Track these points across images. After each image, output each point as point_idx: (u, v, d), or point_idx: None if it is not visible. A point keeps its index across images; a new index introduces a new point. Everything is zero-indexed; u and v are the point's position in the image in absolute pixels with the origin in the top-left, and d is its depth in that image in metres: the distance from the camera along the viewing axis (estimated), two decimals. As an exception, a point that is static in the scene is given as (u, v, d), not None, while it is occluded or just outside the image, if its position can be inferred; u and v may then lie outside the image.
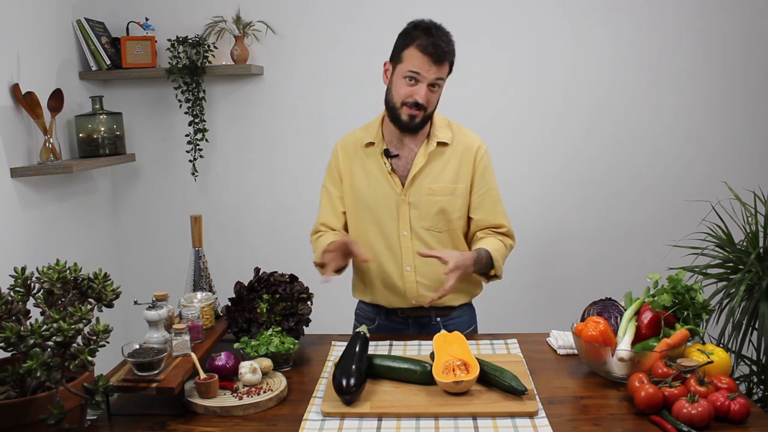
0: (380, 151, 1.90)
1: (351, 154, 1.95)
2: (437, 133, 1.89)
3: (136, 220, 3.13)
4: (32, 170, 2.36)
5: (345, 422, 1.41)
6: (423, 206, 1.88)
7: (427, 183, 1.87)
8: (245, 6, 2.91)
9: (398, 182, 1.88)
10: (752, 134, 2.96)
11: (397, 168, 1.90)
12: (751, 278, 2.20)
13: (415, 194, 1.88)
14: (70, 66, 2.76)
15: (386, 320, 2.01)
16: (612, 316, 1.71)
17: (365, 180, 1.92)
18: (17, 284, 1.38)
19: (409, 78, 1.77)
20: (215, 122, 3.03)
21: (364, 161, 1.92)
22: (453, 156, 1.89)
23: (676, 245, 2.61)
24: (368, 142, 1.91)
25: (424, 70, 1.75)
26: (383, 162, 1.89)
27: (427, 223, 1.88)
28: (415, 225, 1.89)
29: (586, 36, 2.91)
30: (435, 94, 1.81)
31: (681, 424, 1.33)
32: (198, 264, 1.90)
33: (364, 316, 2.08)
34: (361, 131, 1.97)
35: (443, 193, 1.88)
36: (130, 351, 1.49)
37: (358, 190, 1.93)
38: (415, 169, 1.87)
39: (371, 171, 1.91)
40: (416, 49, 1.75)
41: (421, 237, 1.89)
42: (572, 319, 1.73)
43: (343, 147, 1.98)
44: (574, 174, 3.02)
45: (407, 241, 1.89)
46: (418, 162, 1.87)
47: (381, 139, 1.91)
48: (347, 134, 2.01)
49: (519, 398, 1.47)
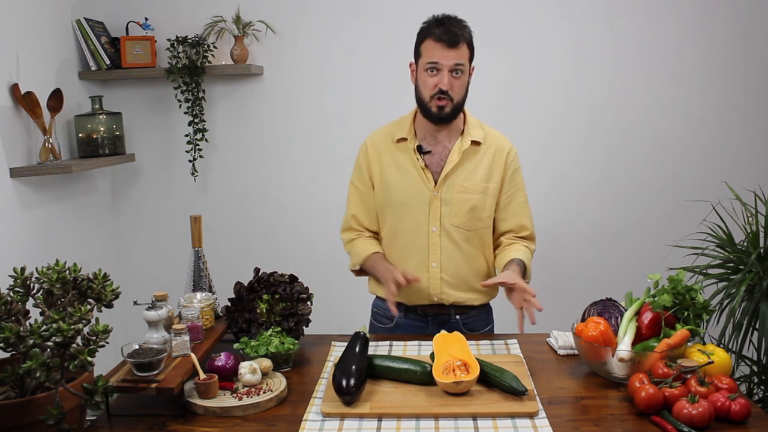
0: (413, 147, 1.91)
1: (381, 149, 1.96)
2: (471, 131, 1.92)
3: (135, 221, 3.13)
4: (32, 170, 2.36)
5: (345, 423, 1.41)
6: (455, 203, 1.89)
7: (460, 180, 1.89)
8: (245, 6, 2.91)
9: (431, 178, 1.90)
10: (753, 134, 2.96)
11: (430, 164, 1.91)
12: (751, 278, 2.20)
13: (448, 191, 1.89)
14: (69, 66, 2.76)
15: (405, 318, 2.00)
16: (612, 317, 1.71)
17: (397, 175, 1.93)
18: (17, 284, 1.38)
19: (431, 69, 1.82)
20: (215, 122, 3.03)
21: (395, 156, 1.94)
22: (486, 155, 1.92)
23: (677, 245, 2.61)
24: (400, 137, 1.93)
25: (441, 58, 1.79)
26: (416, 158, 1.90)
27: (458, 220, 1.90)
28: (445, 222, 1.90)
29: (586, 36, 2.91)
30: (459, 81, 1.83)
31: (681, 425, 1.32)
32: (198, 264, 1.89)
33: (382, 315, 2.06)
34: (391, 126, 1.99)
35: (475, 192, 1.90)
36: (129, 351, 1.49)
37: (389, 184, 1.94)
38: (449, 166, 1.89)
39: (403, 166, 1.92)
40: (431, 40, 1.81)
41: (449, 234, 1.91)
42: (572, 319, 1.73)
43: (372, 142, 1.99)
44: (574, 174, 3.02)
45: (435, 237, 1.91)
46: (452, 159, 1.89)
47: (414, 136, 1.93)
48: (376, 130, 2.02)
49: (519, 399, 1.46)
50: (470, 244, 1.93)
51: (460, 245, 1.92)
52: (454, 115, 1.87)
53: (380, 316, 2.08)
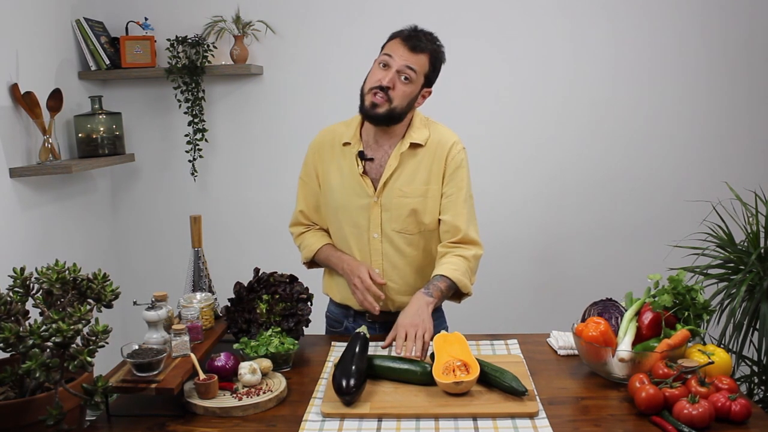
0: (355, 153, 1.87)
1: (327, 151, 1.93)
2: (413, 134, 1.85)
3: (135, 221, 3.13)
4: (31, 170, 2.36)
5: (345, 423, 1.41)
6: (394, 209, 1.85)
7: (399, 185, 1.84)
8: (245, 6, 2.91)
9: (370, 185, 1.86)
10: (753, 134, 2.96)
11: (370, 170, 1.87)
12: (752, 279, 2.20)
13: (387, 197, 1.85)
14: (69, 66, 2.76)
15: (354, 323, 1.98)
16: (612, 317, 1.71)
17: (339, 179, 1.90)
18: (16, 284, 1.38)
19: (382, 64, 1.78)
20: (215, 122, 3.03)
21: (339, 160, 1.90)
22: (426, 156, 1.85)
23: (677, 245, 2.61)
24: (345, 141, 1.89)
25: (396, 54, 1.76)
26: (357, 164, 1.87)
27: (399, 225, 1.86)
28: (386, 228, 1.87)
29: (586, 36, 2.91)
30: (404, 87, 1.76)
31: (682, 425, 1.32)
32: (197, 264, 1.89)
33: (333, 319, 2.05)
34: (341, 126, 1.94)
35: (415, 195, 1.84)
36: (129, 351, 1.49)
37: (332, 188, 1.91)
38: (388, 172, 1.84)
39: (345, 172, 1.89)
40: (396, 39, 1.79)
41: (391, 240, 1.87)
42: (573, 319, 1.73)
43: (321, 142, 1.95)
44: (574, 174, 3.02)
45: (377, 243, 1.88)
46: (390, 164, 1.84)
47: (358, 140, 1.88)
48: (326, 129, 1.97)
49: (519, 399, 1.46)
50: (414, 248, 1.89)
51: (402, 250, 1.88)
52: (387, 120, 1.79)
53: (332, 320, 2.05)
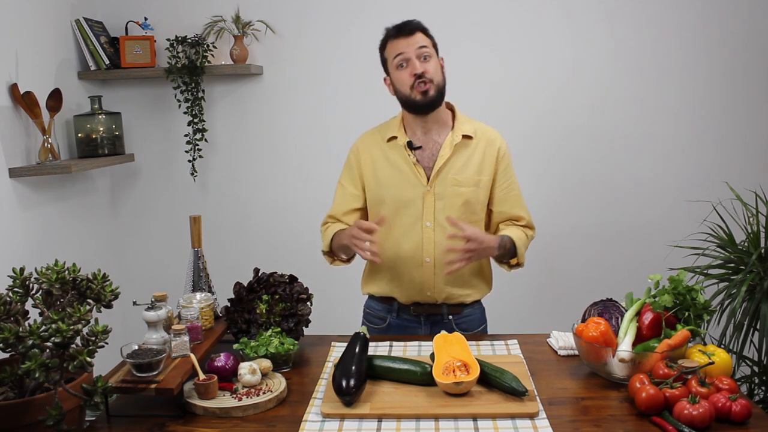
0: (403, 144, 1.92)
1: (373, 149, 1.98)
2: (461, 126, 1.94)
3: (135, 221, 3.12)
4: (31, 170, 2.35)
5: (345, 423, 1.41)
6: (448, 197, 1.90)
7: (452, 174, 1.91)
8: (244, 6, 2.90)
9: (423, 173, 1.91)
10: (754, 134, 2.96)
11: (422, 159, 1.93)
12: (752, 279, 2.19)
13: (441, 185, 1.90)
14: (68, 66, 2.76)
15: (398, 318, 2.01)
16: (613, 317, 1.71)
17: (390, 171, 1.94)
18: (16, 285, 1.38)
19: (400, 64, 1.86)
20: (214, 122, 3.03)
21: (387, 154, 1.95)
22: (477, 148, 1.94)
23: (677, 246, 2.61)
24: (391, 136, 1.95)
25: (403, 48, 1.85)
26: (407, 154, 1.91)
27: (452, 214, 1.90)
28: (439, 216, 1.91)
29: (585, 36, 2.91)
30: (430, 63, 1.86)
31: (682, 425, 1.32)
32: (197, 264, 1.89)
33: (374, 315, 2.07)
34: (380, 127, 2.01)
35: (468, 185, 1.91)
36: (129, 352, 1.49)
37: (382, 182, 1.95)
38: (441, 160, 1.90)
39: (396, 163, 1.94)
40: (390, 41, 1.90)
41: (444, 228, 1.91)
42: (573, 319, 1.73)
43: (363, 143, 2.01)
44: (574, 174, 3.01)
45: (429, 232, 1.91)
46: (444, 154, 1.90)
47: (404, 133, 1.95)
48: (365, 132, 2.04)
49: (519, 399, 1.46)
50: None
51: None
52: (440, 99, 1.88)
53: (372, 317, 2.08)
